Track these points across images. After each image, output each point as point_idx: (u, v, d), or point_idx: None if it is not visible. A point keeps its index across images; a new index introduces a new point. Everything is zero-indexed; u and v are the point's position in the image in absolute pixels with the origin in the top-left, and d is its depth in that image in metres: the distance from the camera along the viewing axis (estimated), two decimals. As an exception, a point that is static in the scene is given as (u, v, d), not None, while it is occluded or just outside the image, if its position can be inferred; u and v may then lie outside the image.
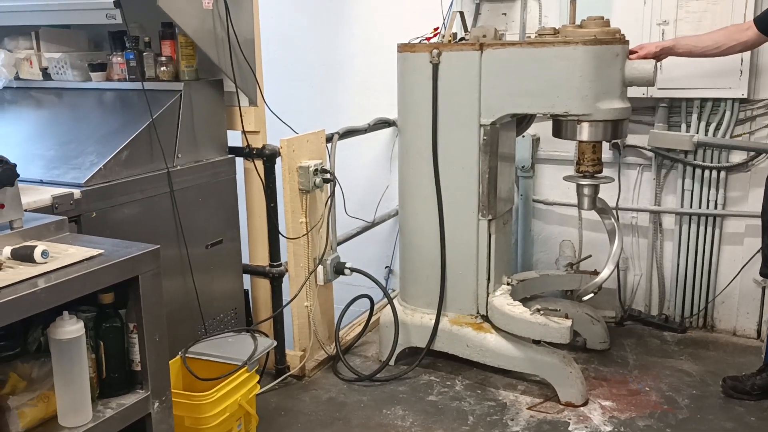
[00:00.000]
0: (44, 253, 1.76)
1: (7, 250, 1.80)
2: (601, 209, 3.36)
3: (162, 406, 1.99)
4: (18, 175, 1.92)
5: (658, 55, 3.15)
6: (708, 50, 3.16)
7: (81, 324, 1.76)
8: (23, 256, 1.77)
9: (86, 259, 1.81)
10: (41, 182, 2.51)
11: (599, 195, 3.31)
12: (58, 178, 2.52)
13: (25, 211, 2.01)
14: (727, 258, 3.84)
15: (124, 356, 1.93)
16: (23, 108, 3.17)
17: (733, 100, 3.64)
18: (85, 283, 1.76)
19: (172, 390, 2.06)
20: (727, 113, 3.68)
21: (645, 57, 3.09)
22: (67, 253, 1.84)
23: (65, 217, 2.12)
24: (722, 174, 3.75)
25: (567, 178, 3.33)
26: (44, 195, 2.33)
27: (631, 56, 3.05)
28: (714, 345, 3.79)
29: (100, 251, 1.86)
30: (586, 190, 3.25)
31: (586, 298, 3.42)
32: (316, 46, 4.52)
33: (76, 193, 2.42)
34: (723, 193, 3.76)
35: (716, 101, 3.69)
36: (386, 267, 4.70)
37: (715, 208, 3.79)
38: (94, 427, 1.81)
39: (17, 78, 3.14)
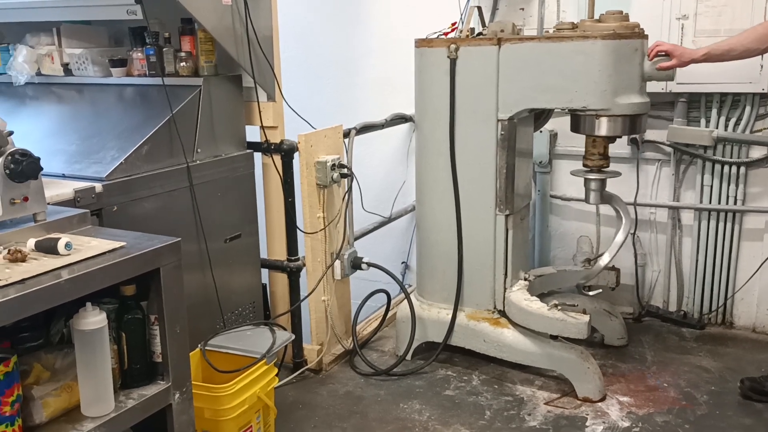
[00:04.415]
0: (68, 245, 1.79)
1: (32, 242, 1.83)
2: (610, 199, 3.33)
3: (183, 397, 2.01)
4: (41, 169, 1.95)
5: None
6: (751, 44, 2.96)
7: (104, 315, 1.79)
8: (47, 248, 1.80)
9: (109, 252, 1.84)
10: (63, 176, 2.54)
11: (608, 189, 3.30)
12: (79, 173, 2.55)
13: (48, 204, 2.04)
14: (747, 254, 3.81)
15: (145, 347, 1.96)
16: (45, 103, 3.20)
17: (753, 94, 3.61)
18: (107, 274, 1.78)
19: (192, 382, 2.08)
20: (747, 108, 3.65)
21: (678, 66, 2.98)
22: (89, 246, 1.86)
23: (87, 210, 2.15)
24: (742, 169, 3.72)
25: (574, 173, 3.33)
26: (66, 189, 2.36)
27: (663, 64, 2.96)
28: (733, 342, 3.77)
29: (122, 244, 1.88)
30: (592, 185, 3.25)
31: (593, 293, 3.39)
32: (333, 42, 4.52)
33: (98, 186, 2.45)
34: (743, 189, 3.74)
35: (736, 96, 3.66)
36: (403, 262, 4.71)
37: (735, 203, 3.77)
38: (117, 417, 1.84)
39: (39, 74, 3.17)
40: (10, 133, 1.94)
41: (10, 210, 1.90)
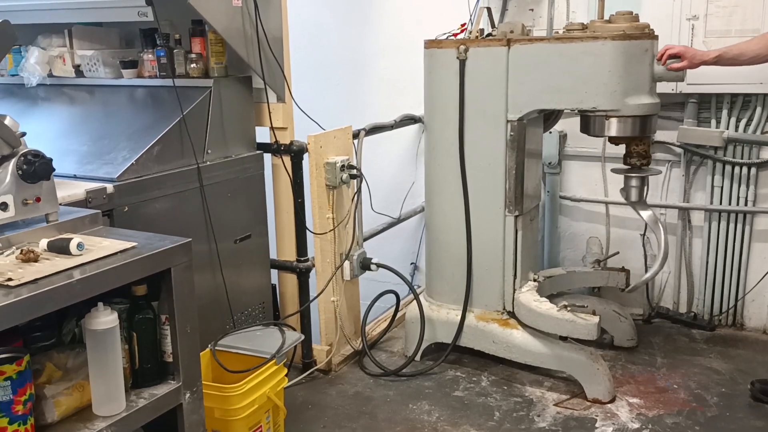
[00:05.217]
0: (79, 246, 1.80)
1: (44, 242, 1.85)
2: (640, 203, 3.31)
3: (193, 396, 2.02)
4: (54, 169, 1.96)
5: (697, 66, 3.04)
6: (761, 51, 2.96)
7: (115, 315, 1.80)
8: (59, 248, 1.81)
9: (120, 252, 1.85)
10: (75, 177, 2.56)
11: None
12: (91, 173, 2.57)
13: (60, 204, 2.06)
14: (758, 255, 3.80)
15: (156, 347, 1.97)
16: (57, 105, 3.22)
17: (764, 95, 3.60)
18: (119, 274, 1.79)
19: (202, 382, 2.09)
20: (758, 109, 3.64)
21: (689, 67, 2.98)
22: (101, 246, 1.88)
23: (99, 211, 2.16)
24: (752, 170, 3.71)
25: (615, 171, 3.30)
26: (78, 189, 2.38)
27: (673, 65, 2.95)
28: (744, 343, 3.75)
29: (134, 244, 1.89)
30: (634, 182, 3.21)
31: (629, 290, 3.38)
32: (343, 43, 4.54)
33: (109, 187, 2.47)
34: (753, 190, 3.72)
35: (747, 97, 3.65)
36: (411, 263, 4.71)
37: (745, 204, 3.75)
38: (128, 417, 1.85)
39: (51, 75, 3.20)
40: (23, 134, 1.96)
41: (22, 210, 1.92)
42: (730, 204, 3.78)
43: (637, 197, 3.23)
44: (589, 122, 3.12)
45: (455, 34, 3.41)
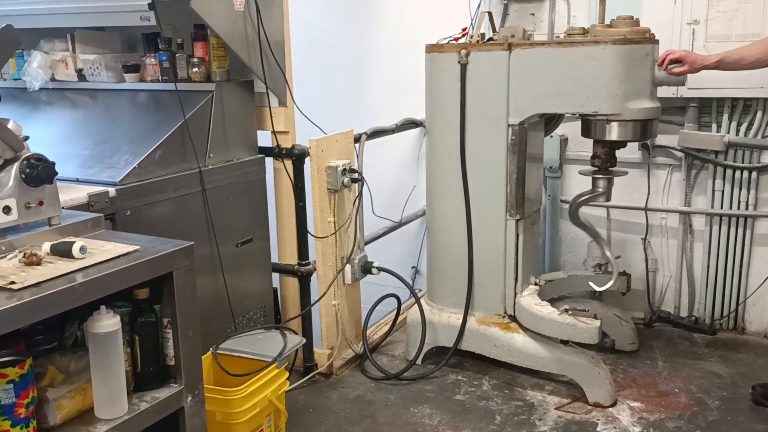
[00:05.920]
0: (82, 249, 1.81)
1: (47, 246, 1.85)
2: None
3: (195, 400, 2.02)
4: (56, 173, 1.97)
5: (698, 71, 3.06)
6: (761, 55, 2.97)
7: (117, 318, 1.80)
8: (62, 251, 1.82)
9: (122, 255, 1.85)
10: (77, 181, 2.56)
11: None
12: (93, 177, 2.57)
13: (63, 208, 2.06)
14: (759, 259, 3.79)
15: (158, 351, 1.97)
16: (59, 108, 3.23)
17: (765, 99, 3.60)
18: (121, 278, 1.79)
19: (204, 385, 2.09)
20: (759, 113, 3.64)
21: (689, 72, 3.00)
22: (104, 249, 1.88)
23: (101, 215, 2.17)
24: (753, 174, 3.71)
25: (582, 172, 3.35)
26: (80, 193, 2.38)
27: (674, 69, 2.98)
28: (745, 347, 3.75)
29: (136, 247, 1.90)
30: (602, 183, 3.29)
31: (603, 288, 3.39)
32: (344, 47, 4.55)
33: (111, 191, 2.48)
34: (754, 194, 3.72)
35: (747, 101, 3.65)
36: (413, 267, 4.71)
37: (746, 208, 3.75)
38: (130, 420, 1.85)
39: (53, 79, 3.20)
40: (26, 138, 1.97)
41: (25, 214, 1.92)
42: (731, 208, 3.78)
43: (605, 199, 3.32)
44: (590, 126, 3.13)
45: (456, 39, 3.41)
